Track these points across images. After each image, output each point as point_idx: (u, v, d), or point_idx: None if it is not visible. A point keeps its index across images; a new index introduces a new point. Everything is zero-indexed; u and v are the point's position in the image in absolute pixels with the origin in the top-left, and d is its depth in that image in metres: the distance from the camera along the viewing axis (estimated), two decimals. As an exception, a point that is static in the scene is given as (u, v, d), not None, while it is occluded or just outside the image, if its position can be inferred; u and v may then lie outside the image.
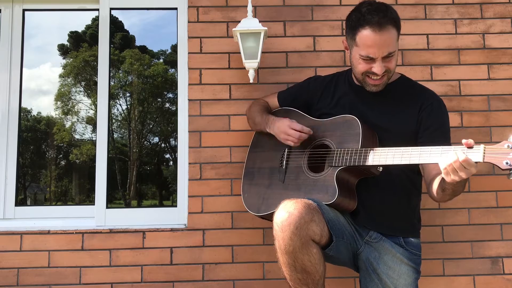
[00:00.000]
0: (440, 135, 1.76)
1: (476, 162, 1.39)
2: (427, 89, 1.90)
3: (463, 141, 1.41)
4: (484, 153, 1.37)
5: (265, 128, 1.98)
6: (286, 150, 1.93)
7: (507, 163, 1.32)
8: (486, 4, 2.45)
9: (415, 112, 1.80)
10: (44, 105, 3.95)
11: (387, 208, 1.79)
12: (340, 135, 1.79)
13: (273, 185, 1.92)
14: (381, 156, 1.63)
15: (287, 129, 1.85)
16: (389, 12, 1.70)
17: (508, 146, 1.34)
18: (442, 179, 1.55)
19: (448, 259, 2.26)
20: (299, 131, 1.82)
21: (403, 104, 1.84)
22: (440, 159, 1.46)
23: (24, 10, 2.54)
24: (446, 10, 2.44)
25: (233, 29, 2.20)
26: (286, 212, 1.52)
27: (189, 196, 2.30)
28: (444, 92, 2.36)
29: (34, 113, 4.04)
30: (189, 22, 2.42)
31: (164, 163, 4.45)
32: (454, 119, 2.34)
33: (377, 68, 1.72)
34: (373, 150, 1.66)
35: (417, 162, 1.56)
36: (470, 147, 1.40)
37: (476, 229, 2.28)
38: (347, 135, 1.76)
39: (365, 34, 1.69)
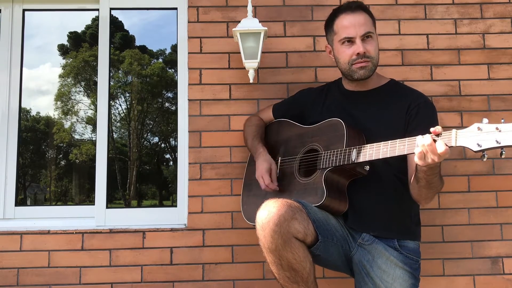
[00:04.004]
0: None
1: (450, 147, 1.38)
2: (415, 90, 1.91)
3: (431, 129, 1.41)
4: (456, 137, 1.37)
5: (253, 156, 2.07)
6: (280, 159, 1.99)
7: (478, 144, 1.32)
8: (486, 4, 2.45)
9: (403, 113, 1.80)
10: (43, 105, 3.95)
11: (376, 210, 1.78)
12: (327, 138, 1.82)
13: (269, 193, 1.94)
14: (363, 153, 1.64)
15: (260, 175, 1.92)
16: (358, 2, 1.88)
17: (478, 127, 1.33)
18: (416, 168, 1.55)
19: (448, 259, 2.26)
20: (266, 185, 1.90)
21: (391, 105, 1.85)
22: (416, 140, 1.45)
23: (24, 10, 2.53)
24: (446, 10, 2.44)
25: (233, 29, 2.20)
26: (267, 211, 1.55)
27: (189, 196, 2.30)
28: (444, 92, 2.36)
29: (34, 113, 4.04)
30: (189, 22, 2.42)
31: (164, 163, 4.45)
32: (454, 119, 2.34)
33: (357, 46, 1.80)
34: (356, 148, 1.67)
35: (396, 154, 1.54)
36: (437, 134, 1.40)
37: (476, 229, 2.28)
38: (333, 138, 1.79)
39: (341, 18, 1.85)
